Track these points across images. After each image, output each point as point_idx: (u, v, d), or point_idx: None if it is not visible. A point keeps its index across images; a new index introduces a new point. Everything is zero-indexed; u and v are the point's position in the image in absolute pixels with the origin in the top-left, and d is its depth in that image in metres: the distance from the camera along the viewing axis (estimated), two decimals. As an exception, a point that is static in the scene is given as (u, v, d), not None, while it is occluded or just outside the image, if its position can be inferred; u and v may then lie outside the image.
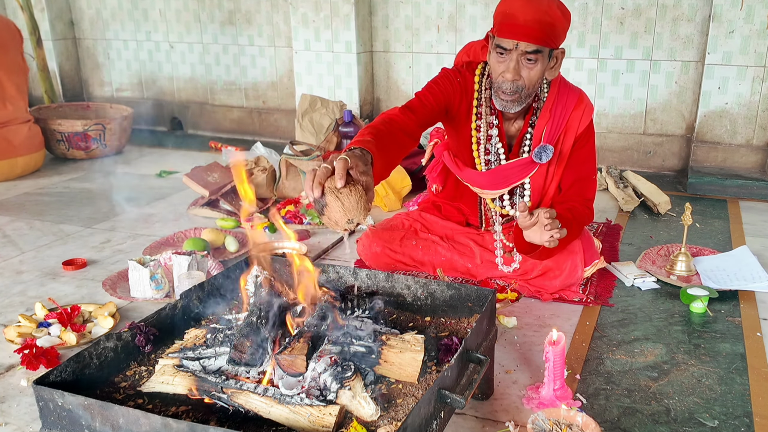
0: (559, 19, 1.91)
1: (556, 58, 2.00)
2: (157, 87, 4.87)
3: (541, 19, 1.87)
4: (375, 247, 2.30)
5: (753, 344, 1.91)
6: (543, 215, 1.88)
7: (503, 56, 1.94)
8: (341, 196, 1.40)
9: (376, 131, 1.76)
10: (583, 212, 2.09)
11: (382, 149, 1.66)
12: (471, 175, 2.20)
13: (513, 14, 1.88)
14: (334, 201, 1.40)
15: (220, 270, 2.28)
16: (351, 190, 1.41)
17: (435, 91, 2.07)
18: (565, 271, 2.14)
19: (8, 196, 3.39)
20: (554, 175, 2.16)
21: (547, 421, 1.48)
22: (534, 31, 1.87)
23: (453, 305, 1.64)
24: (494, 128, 2.12)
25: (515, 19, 1.88)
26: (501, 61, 1.96)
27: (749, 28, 3.24)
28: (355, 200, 1.40)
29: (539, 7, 1.88)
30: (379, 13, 4.08)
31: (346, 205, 1.40)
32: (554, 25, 1.90)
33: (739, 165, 3.46)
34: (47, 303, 2.17)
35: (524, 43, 1.89)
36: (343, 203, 1.40)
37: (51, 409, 1.23)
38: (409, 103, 2.00)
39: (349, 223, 1.42)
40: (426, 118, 2.01)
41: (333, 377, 1.29)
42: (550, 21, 1.88)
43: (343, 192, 1.40)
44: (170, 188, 3.47)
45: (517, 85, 1.96)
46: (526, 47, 1.90)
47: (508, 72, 1.94)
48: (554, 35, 1.91)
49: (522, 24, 1.87)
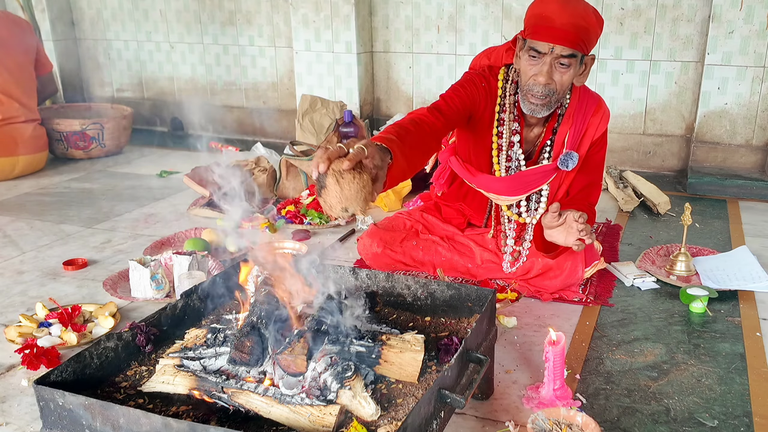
0: (594, 24, 1.90)
1: (585, 64, 1.98)
2: (158, 87, 4.87)
3: (578, 24, 1.86)
4: (375, 248, 2.30)
5: (752, 344, 1.91)
6: (574, 218, 1.88)
7: (536, 59, 1.92)
8: (342, 181, 1.31)
9: (404, 131, 1.69)
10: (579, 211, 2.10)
11: (406, 151, 1.60)
12: (486, 181, 2.16)
13: (549, 17, 1.86)
14: (334, 185, 1.32)
15: (220, 270, 2.28)
16: (355, 178, 1.32)
17: (461, 94, 2.02)
18: (565, 271, 2.15)
19: (9, 196, 3.39)
20: (566, 179, 2.17)
21: (547, 421, 1.48)
22: (570, 34, 1.86)
23: (453, 305, 1.65)
24: (516, 134, 2.11)
25: (552, 22, 1.86)
26: (533, 64, 1.93)
27: (749, 29, 3.25)
28: (355, 189, 1.32)
29: (576, 11, 1.86)
30: (379, 13, 4.08)
31: (345, 192, 1.32)
32: (589, 30, 1.89)
33: (738, 165, 3.46)
34: (48, 303, 2.18)
35: (560, 46, 1.87)
36: (342, 189, 1.31)
37: (52, 409, 1.23)
38: (436, 104, 1.96)
39: (343, 212, 1.34)
40: (453, 120, 1.97)
41: (333, 377, 1.29)
42: (585, 26, 1.87)
43: (346, 177, 1.31)
44: (171, 188, 3.47)
45: (549, 88, 1.94)
46: (562, 51, 1.88)
47: (541, 75, 1.92)
48: (588, 40, 1.90)
49: (559, 27, 1.85)
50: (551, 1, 1.88)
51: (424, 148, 1.79)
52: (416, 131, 1.75)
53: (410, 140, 1.67)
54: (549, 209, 1.92)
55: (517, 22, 3.76)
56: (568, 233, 1.92)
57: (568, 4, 1.88)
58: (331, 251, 2.64)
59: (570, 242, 1.91)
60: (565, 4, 1.87)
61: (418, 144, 1.73)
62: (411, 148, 1.65)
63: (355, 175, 1.33)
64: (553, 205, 1.89)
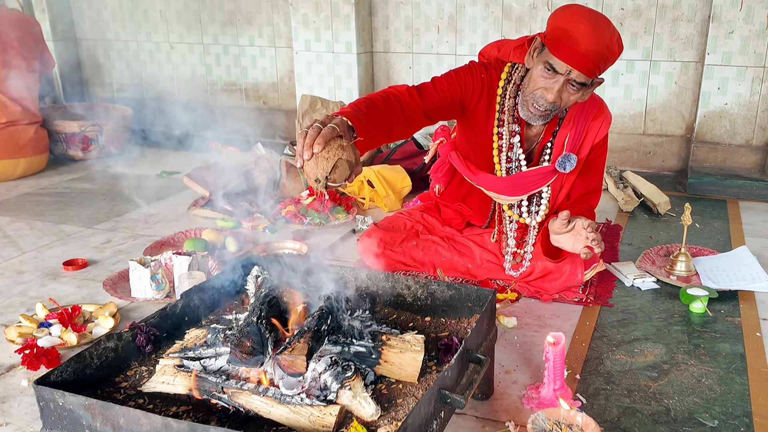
0: (615, 53, 1.88)
1: (595, 85, 1.96)
2: (158, 87, 4.87)
3: (601, 53, 1.83)
4: (376, 248, 2.30)
5: (753, 344, 1.91)
6: (583, 225, 1.87)
7: (550, 73, 1.88)
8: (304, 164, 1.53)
9: (370, 105, 1.73)
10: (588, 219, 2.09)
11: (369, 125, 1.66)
12: (487, 179, 2.16)
13: (576, 38, 1.81)
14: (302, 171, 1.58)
15: (220, 270, 2.28)
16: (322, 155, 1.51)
17: (452, 81, 1.99)
18: (565, 274, 2.15)
19: (9, 197, 3.39)
20: (566, 182, 2.16)
21: (547, 421, 1.48)
22: (591, 63, 1.83)
23: (453, 305, 1.65)
24: (516, 136, 2.09)
25: (577, 45, 1.81)
26: (546, 77, 1.89)
27: (749, 29, 3.25)
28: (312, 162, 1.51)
29: (602, 39, 1.82)
30: (379, 13, 4.08)
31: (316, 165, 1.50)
32: (609, 59, 1.87)
33: (738, 165, 3.46)
34: (48, 303, 2.18)
35: (576, 72, 1.85)
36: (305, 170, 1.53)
37: (52, 409, 1.23)
38: (420, 85, 1.93)
39: (317, 183, 1.51)
40: (434, 106, 1.93)
41: (333, 377, 1.29)
42: (607, 54, 1.85)
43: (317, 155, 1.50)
44: (171, 188, 3.47)
45: (554, 105, 1.93)
46: (578, 76, 1.86)
47: (550, 93, 1.89)
48: (605, 67, 1.89)
49: (582, 53, 1.82)
50: (582, 22, 1.82)
51: (390, 127, 1.80)
52: (384, 108, 1.78)
53: (376, 116, 1.72)
54: (558, 215, 1.92)
55: (517, 23, 3.76)
56: (576, 240, 1.92)
57: (597, 29, 1.82)
58: (331, 251, 2.64)
59: (578, 249, 1.92)
60: (594, 30, 1.82)
61: (384, 121, 1.76)
62: (375, 124, 1.70)
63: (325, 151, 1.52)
64: (563, 212, 1.89)
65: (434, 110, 1.95)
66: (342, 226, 2.89)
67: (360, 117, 1.64)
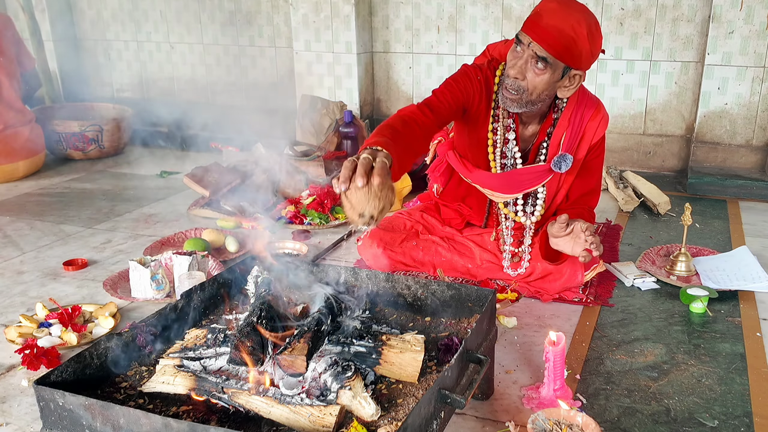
0: (583, 38, 1.85)
1: (570, 78, 1.95)
2: (158, 88, 4.87)
3: (563, 30, 1.83)
4: (376, 248, 2.30)
5: (753, 344, 1.91)
6: (581, 228, 1.87)
7: (517, 52, 1.92)
8: (349, 193, 1.43)
9: (395, 133, 1.69)
10: (587, 221, 2.09)
11: (399, 153, 1.60)
12: (482, 176, 2.17)
13: (540, 13, 1.86)
14: (344, 199, 1.44)
15: (220, 270, 2.28)
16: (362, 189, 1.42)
17: (454, 89, 2.01)
18: (565, 275, 2.15)
19: (9, 197, 3.39)
20: (564, 183, 2.16)
21: (547, 421, 1.48)
22: (550, 37, 1.84)
23: (453, 305, 1.65)
24: (511, 131, 2.10)
25: (539, 18, 1.86)
26: (514, 56, 1.93)
27: (749, 29, 3.25)
28: (362, 195, 1.42)
29: (567, 18, 1.84)
30: (379, 13, 4.08)
31: (353, 201, 1.43)
32: (575, 42, 1.85)
33: (738, 165, 3.46)
34: (48, 303, 2.18)
35: (536, 45, 1.86)
36: (350, 199, 1.43)
37: (52, 409, 1.23)
38: (427, 101, 1.95)
39: (361, 218, 1.43)
40: (444, 117, 1.96)
41: (333, 377, 1.29)
42: (571, 35, 1.84)
43: (351, 188, 1.42)
44: (171, 188, 3.47)
45: (518, 84, 1.93)
46: (538, 50, 1.86)
47: (513, 68, 1.92)
48: (571, 52, 1.86)
49: (543, 26, 1.84)
50: (552, 2, 1.87)
51: (414, 149, 1.79)
52: (406, 132, 1.75)
53: (402, 142, 1.68)
54: (557, 219, 1.92)
55: (517, 23, 3.76)
56: (575, 243, 1.92)
57: (565, 9, 1.85)
58: (331, 251, 2.64)
59: (577, 252, 1.92)
60: (561, 8, 1.85)
61: (409, 145, 1.74)
62: (404, 150, 1.66)
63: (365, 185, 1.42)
64: (561, 216, 1.89)
65: (444, 121, 1.97)
66: (342, 226, 2.89)
67: (394, 148, 1.59)
